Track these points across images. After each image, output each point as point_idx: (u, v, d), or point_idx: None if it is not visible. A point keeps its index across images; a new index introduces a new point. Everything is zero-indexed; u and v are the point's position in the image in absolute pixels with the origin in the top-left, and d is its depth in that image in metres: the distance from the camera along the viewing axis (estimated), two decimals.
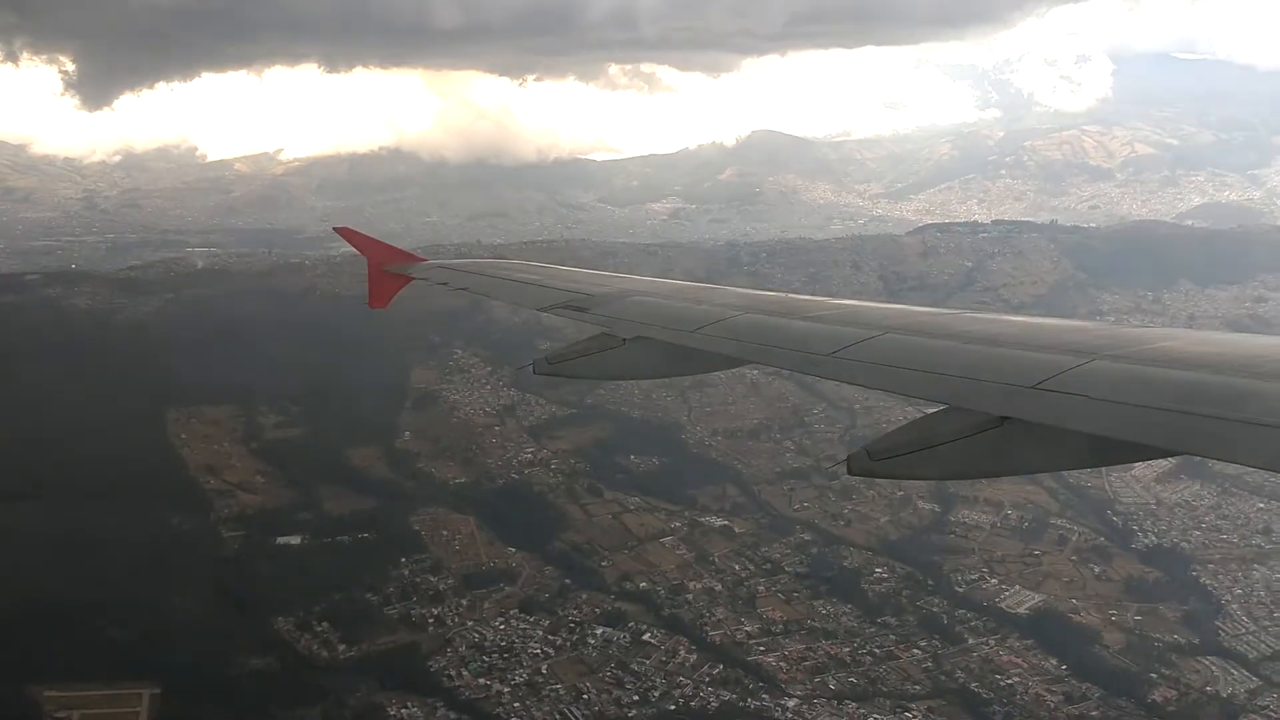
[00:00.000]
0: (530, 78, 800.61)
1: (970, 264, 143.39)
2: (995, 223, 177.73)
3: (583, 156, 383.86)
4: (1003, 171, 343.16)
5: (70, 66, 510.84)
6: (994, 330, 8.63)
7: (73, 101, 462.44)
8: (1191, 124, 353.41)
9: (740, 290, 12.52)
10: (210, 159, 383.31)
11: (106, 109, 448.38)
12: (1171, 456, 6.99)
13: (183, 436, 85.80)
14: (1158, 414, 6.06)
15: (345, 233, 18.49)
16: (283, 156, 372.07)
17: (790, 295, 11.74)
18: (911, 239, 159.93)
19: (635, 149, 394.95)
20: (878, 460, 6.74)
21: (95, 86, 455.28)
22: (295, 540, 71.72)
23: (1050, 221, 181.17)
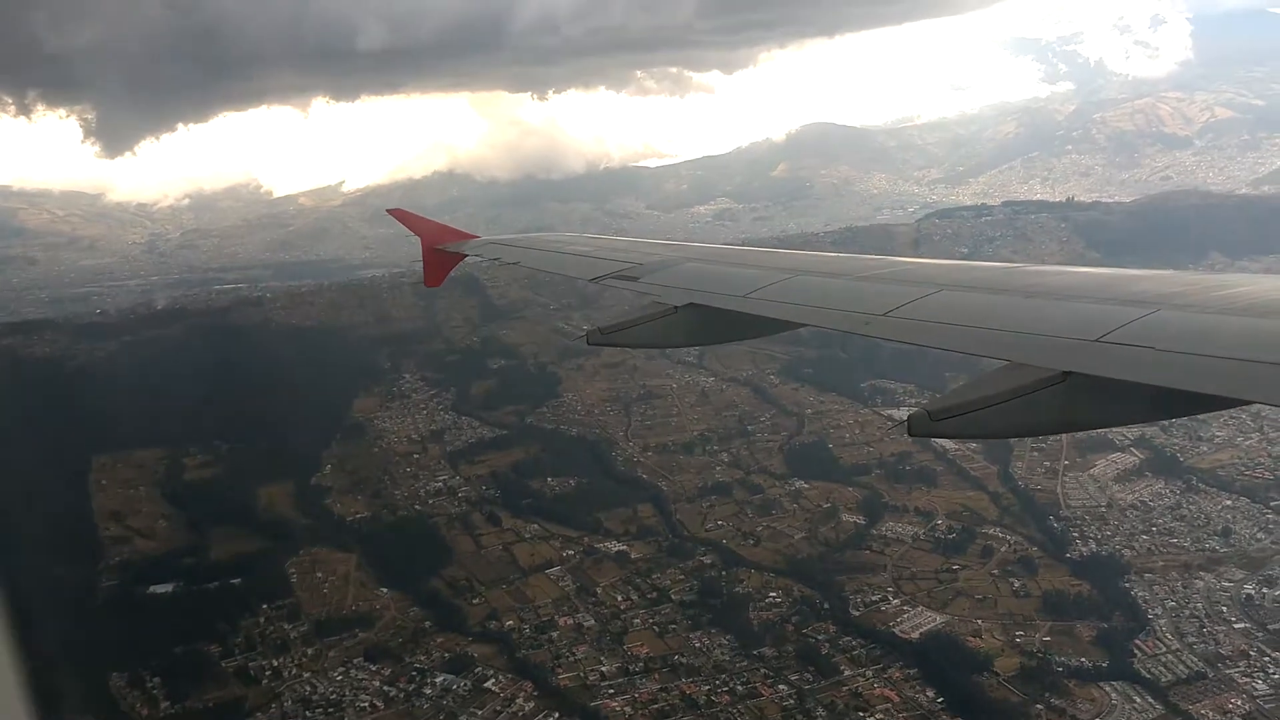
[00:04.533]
0: (550, 91, 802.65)
1: (966, 250, 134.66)
2: (1004, 204, 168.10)
3: (633, 164, 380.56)
4: (1069, 147, 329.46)
5: (90, 115, 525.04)
6: (1054, 283, 8.40)
7: (94, 149, 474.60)
8: None
9: (792, 252, 12.42)
10: (276, 195, 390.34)
11: (129, 154, 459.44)
12: (1240, 406, 6.66)
13: (102, 483, 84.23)
14: (1225, 363, 5.87)
15: (398, 214, 19.02)
16: (344, 188, 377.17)
17: (843, 255, 11.48)
18: (907, 228, 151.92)
19: (689, 153, 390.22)
20: (938, 420, 6.49)
21: (114, 134, 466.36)
22: (168, 588, 69.26)
23: (1067, 199, 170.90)
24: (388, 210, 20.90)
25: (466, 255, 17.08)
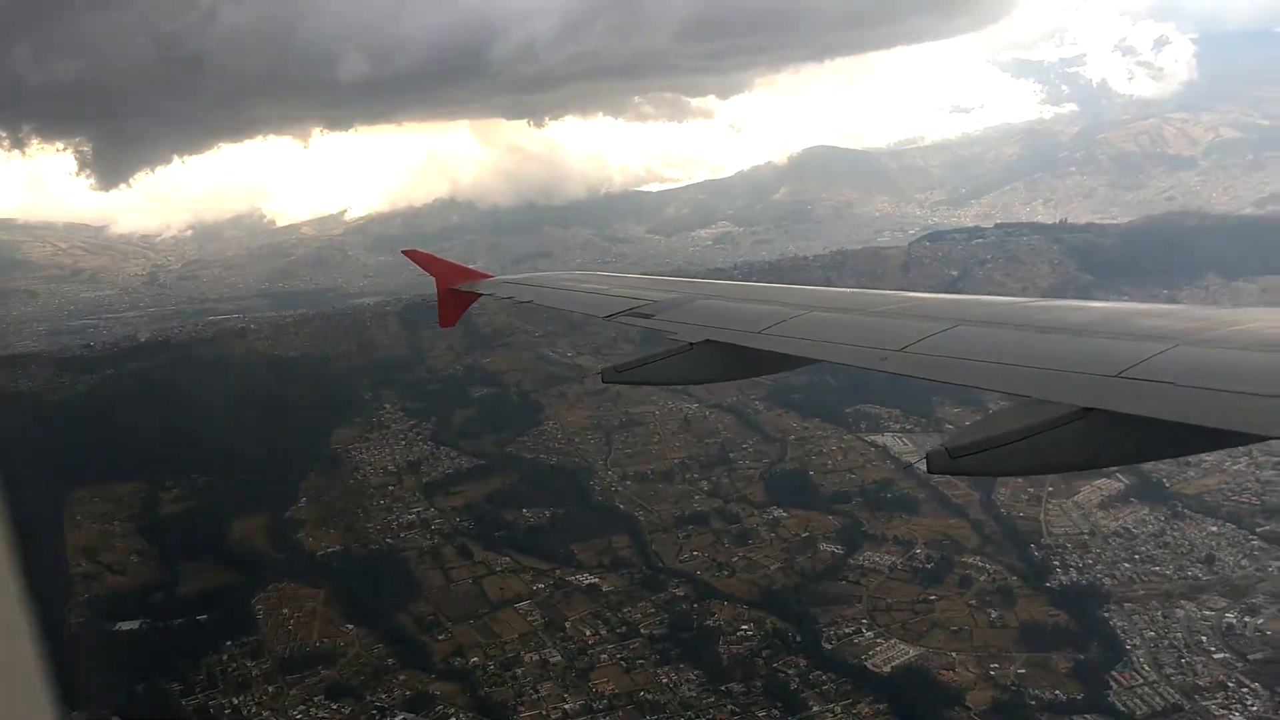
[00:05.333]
0: (547, 118, 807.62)
1: (956, 273, 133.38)
2: (997, 226, 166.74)
3: (635, 189, 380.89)
4: (1072, 168, 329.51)
5: (86, 148, 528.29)
6: (1072, 318, 8.39)
7: (89, 181, 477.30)
8: None
9: (807, 288, 12.32)
10: (279, 224, 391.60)
11: (125, 186, 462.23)
12: (1263, 441, 5.98)
13: (77, 518, 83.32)
14: (1247, 399, 5.79)
15: (412, 255, 18.85)
16: (347, 216, 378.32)
17: (859, 290, 11.65)
18: (896, 251, 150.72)
19: (692, 176, 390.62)
20: (958, 458, 6.29)
21: (109, 166, 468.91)
22: (134, 625, 68.27)
23: (1060, 221, 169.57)
24: (403, 251, 20.84)
25: (481, 295, 16.96)
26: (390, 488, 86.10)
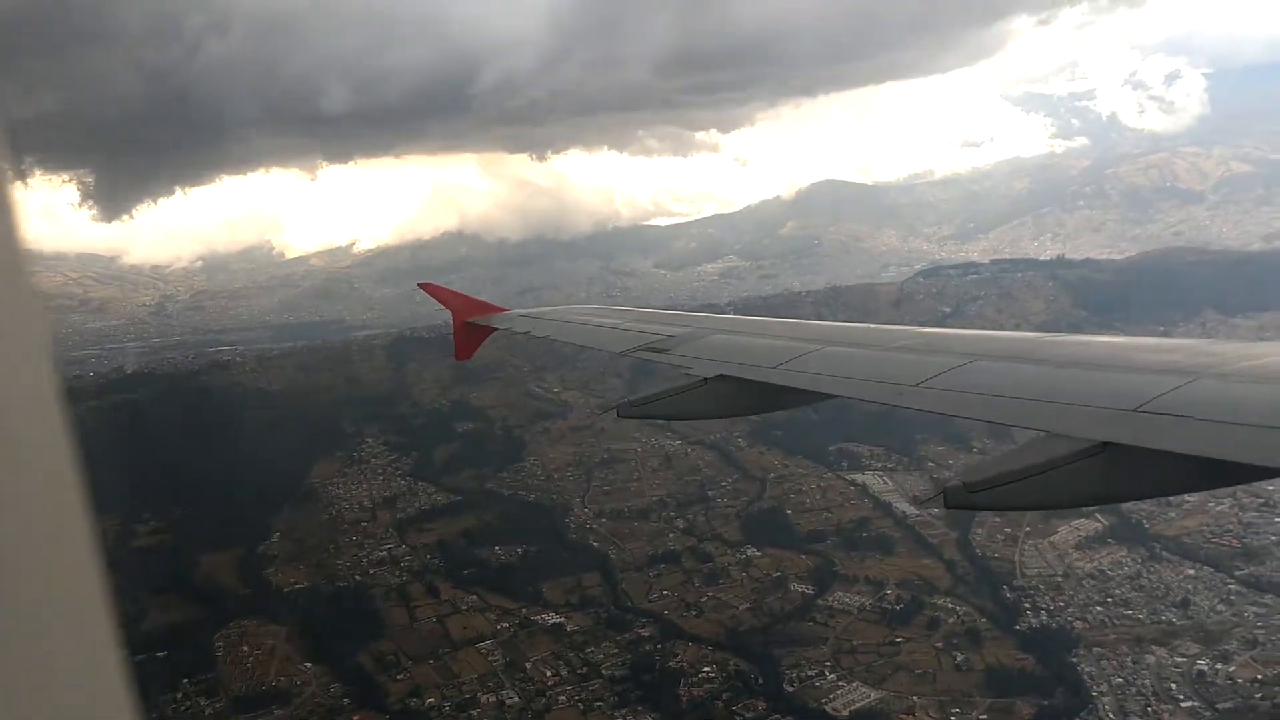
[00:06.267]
0: (549, 152, 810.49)
1: (948, 309, 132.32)
2: (993, 261, 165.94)
3: (644, 223, 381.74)
4: (1081, 203, 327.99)
5: (89, 179, 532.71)
6: (1089, 353, 8.28)
7: (91, 213, 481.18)
8: None
9: (822, 324, 12.36)
10: (289, 256, 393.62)
11: (126, 218, 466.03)
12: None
13: None
14: (1269, 433, 5.70)
15: (428, 288, 18.96)
16: (356, 249, 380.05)
17: (873, 326, 11.66)
18: (890, 287, 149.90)
19: (701, 211, 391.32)
20: (975, 492, 6.20)
21: (111, 198, 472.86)
22: None
23: (1057, 257, 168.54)
24: (419, 285, 20.75)
25: (497, 329, 16.96)
26: (364, 524, 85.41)
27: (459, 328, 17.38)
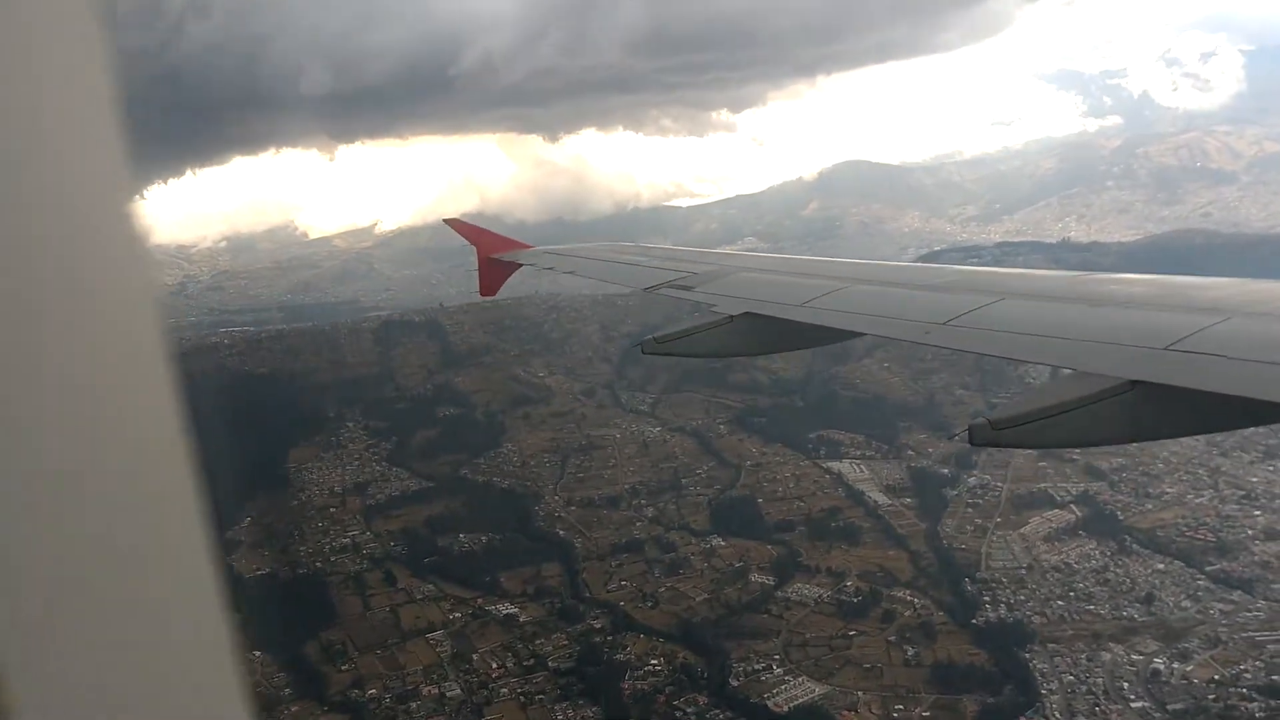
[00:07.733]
0: (562, 133, 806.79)
1: None
2: (997, 244, 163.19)
3: (664, 204, 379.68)
4: (1110, 183, 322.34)
5: None
6: (1123, 292, 8.20)
7: None
8: None
9: (850, 261, 12.09)
10: (312, 237, 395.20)
11: (138, 198, 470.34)
12: None
13: None
14: None
15: (454, 224, 19.07)
16: (378, 230, 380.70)
17: (904, 264, 11.95)
18: None
19: (723, 191, 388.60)
20: (1001, 429, 6.21)
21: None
22: None
23: (1062, 239, 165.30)
24: (444, 220, 20.52)
25: (522, 264, 16.90)
26: (332, 509, 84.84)
27: (483, 263, 17.32)
